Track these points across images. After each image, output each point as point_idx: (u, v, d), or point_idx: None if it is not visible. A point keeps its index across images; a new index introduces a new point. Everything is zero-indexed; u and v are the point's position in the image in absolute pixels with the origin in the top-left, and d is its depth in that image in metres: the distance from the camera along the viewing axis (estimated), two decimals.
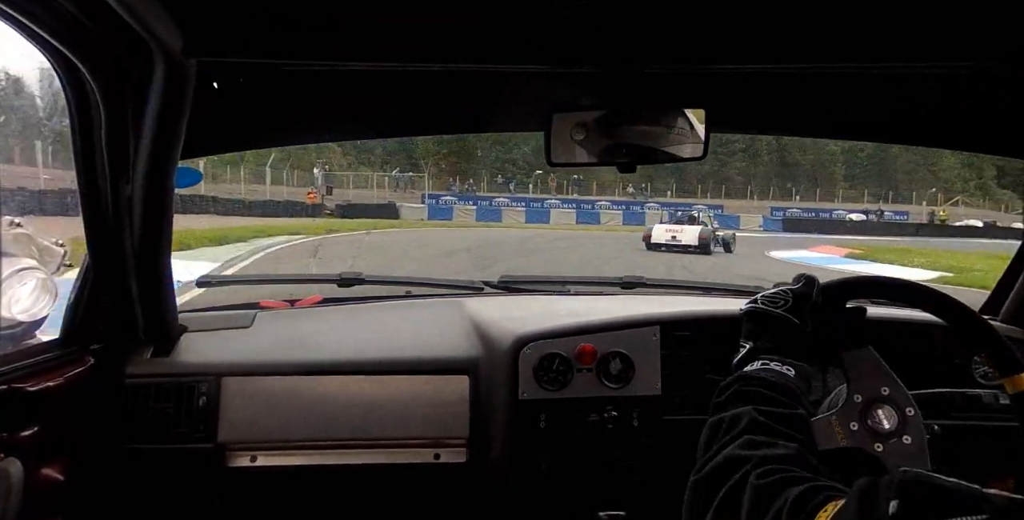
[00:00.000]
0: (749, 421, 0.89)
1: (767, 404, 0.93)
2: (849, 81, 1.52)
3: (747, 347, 1.07)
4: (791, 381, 1.00)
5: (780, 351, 1.04)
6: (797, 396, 0.97)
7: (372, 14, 1.17)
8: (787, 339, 1.06)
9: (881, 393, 1.10)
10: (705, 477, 0.85)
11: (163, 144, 1.38)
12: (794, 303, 1.09)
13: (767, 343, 1.06)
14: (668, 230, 21.99)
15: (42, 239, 1.59)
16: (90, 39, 1.21)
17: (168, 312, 1.68)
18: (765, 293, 1.12)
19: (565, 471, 1.65)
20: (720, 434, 0.91)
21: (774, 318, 1.08)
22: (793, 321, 1.07)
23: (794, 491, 0.73)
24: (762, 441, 0.85)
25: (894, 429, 1.08)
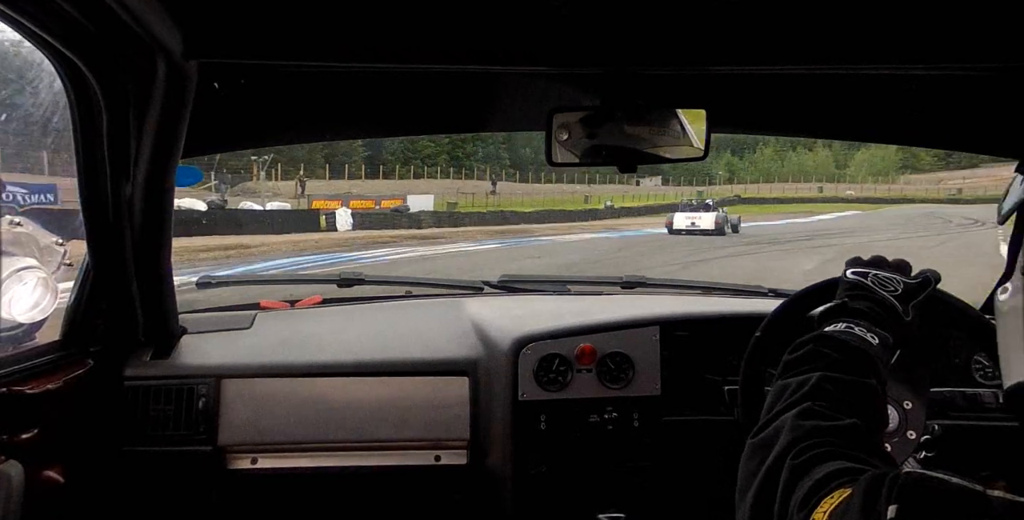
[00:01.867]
0: (813, 386, 0.86)
1: (838, 370, 0.89)
2: (849, 82, 1.52)
3: (834, 303, 1.03)
4: (872, 349, 0.95)
5: (870, 318, 1.00)
6: (874, 365, 0.93)
7: (372, 15, 1.17)
8: (882, 314, 1.02)
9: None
10: (759, 442, 0.83)
11: (164, 145, 1.38)
12: (902, 293, 1.06)
13: (860, 306, 1.02)
14: (687, 217, 25.28)
15: (42, 239, 1.59)
16: (92, 41, 1.21)
17: (168, 313, 1.68)
18: (879, 274, 1.08)
19: (565, 473, 1.65)
20: (784, 397, 0.87)
21: (879, 298, 1.04)
22: (896, 305, 1.04)
23: (823, 469, 0.71)
24: (819, 411, 0.82)
25: (896, 426, 1.08)
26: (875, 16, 1.17)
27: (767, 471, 0.78)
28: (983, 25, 1.18)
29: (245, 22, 1.19)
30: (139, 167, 1.40)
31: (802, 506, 0.69)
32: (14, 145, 1.72)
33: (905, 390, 1.11)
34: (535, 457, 1.64)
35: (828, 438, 0.77)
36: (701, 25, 1.22)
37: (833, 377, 0.87)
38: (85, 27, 1.16)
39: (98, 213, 1.45)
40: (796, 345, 0.96)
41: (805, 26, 1.21)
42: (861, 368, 0.91)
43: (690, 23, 1.21)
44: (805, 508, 0.69)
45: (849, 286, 1.07)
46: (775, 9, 1.16)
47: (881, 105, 1.66)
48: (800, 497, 0.71)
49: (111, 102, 1.33)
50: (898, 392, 1.10)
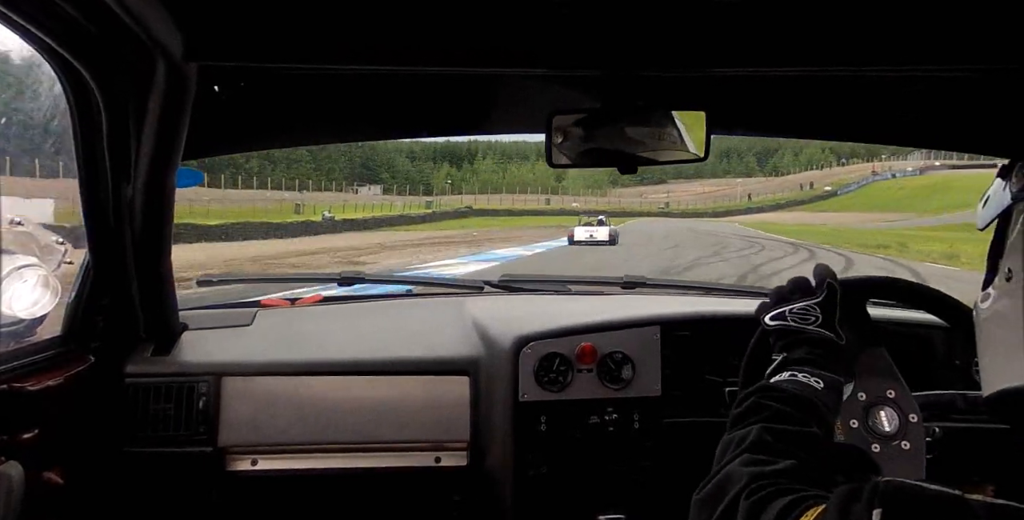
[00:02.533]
0: (753, 439, 0.87)
1: (779, 421, 0.90)
2: (849, 83, 1.52)
3: (777, 359, 1.05)
4: (817, 394, 0.97)
5: (813, 363, 1.02)
6: (816, 411, 0.94)
7: (372, 17, 1.17)
8: (819, 352, 1.04)
9: (886, 395, 1.10)
10: (704, 496, 0.84)
11: (164, 146, 1.38)
12: (824, 317, 1.07)
13: (797, 355, 1.03)
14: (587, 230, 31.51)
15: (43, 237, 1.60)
16: (92, 43, 1.21)
17: (168, 310, 1.68)
18: (793, 309, 1.10)
19: (565, 474, 1.65)
20: (728, 452, 0.89)
21: (807, 336, 1.06)
22: (826, 335, 1.05)
23: (780, 503, 0.72)
24: (760, 459, 0.83)
25: (894, 432, 1.08)
26: (875, 17, 1.17)
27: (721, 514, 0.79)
28: (983, 26, 1.18)
29: (245, 24, 1.19)
30: (139, 169, 1.40)
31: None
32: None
33: (908, 400, 1.11)
34: (535, 458, 1.64)
35: (773, 480, 0.78)
36: (701, 27, 1.22)
37: (773, 428, 0.89)
38: (85, 29, 1.16)
39: (99, 214, 1.45)
40: (740, 399, 0.98)
41: (805, 28, 1.21)
42: (803, 416, 0.92)
43: (690, 25, 1.21)
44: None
45: (777, 335, 1.09)
46: (775, 11, 1.16)
47: (881, 106, 1.65)
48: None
49: (111, 104, 1.34)
50: (904, 402, 1.10)
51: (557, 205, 73.30)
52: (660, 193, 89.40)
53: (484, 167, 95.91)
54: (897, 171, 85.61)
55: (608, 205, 78.29)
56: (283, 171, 64.57)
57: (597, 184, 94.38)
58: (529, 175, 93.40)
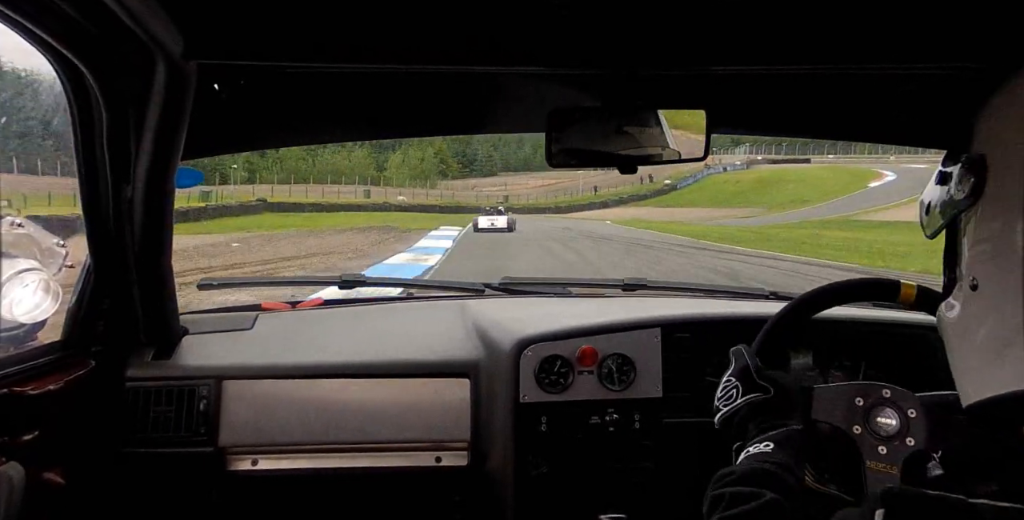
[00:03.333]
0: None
1: (734, 505, 0.91)
2: (850, 82, 1.52)
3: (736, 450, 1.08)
4: (768, 458, 0.98)
5: (759, 433, 1.04)
6: (769, 478, 0.96)
7: (372, 16, 1.17)
8: (763, 416, 1.07)
9: (883, 395, 1.09)
10: None
11: (164, 146, 1.38)
12: (743, 385, 1.11)
13: (750, 436, 1.06)
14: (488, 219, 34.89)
15: (44, 240, 1.59)
16: (92, 42, 1.21)
17: (169, 314, 1.68)
18: (717, 396, 1.15)
19: (566, 474, 1.65)
20: None
21: (741, 411, 1.10)
22: (755, 399, 1.09)
23: None
24: None
25: (896, 432, 1.08)
26: (873, 15, 1.17)
27: None
28: (983, 24, 1.18)
29: (245, 23, 1.19)
30: (139, 169, 1.40)
31: None
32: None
33: (866, 386, 1.10)
34: (536, 459, 1.63)
35: None
36: (701, 26, 1.22)
37: (728, 515, 0.90)
38: (85, 28, 1.17)
39: (99, 214, 1.45)
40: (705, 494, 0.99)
41: (805, 26, 1.21)
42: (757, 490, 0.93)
43: (690, 24, 1.21)
44: None
45: (725, 429, 1.13)
46: (775, 9, 1.16)
47: (880, 105, 1.65)
48: None
49: (111, 103, 1.34)
50: (867, 391, 1.10)
51: (379, 198, 60.30)
52: (495, 186, 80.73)
53: (290, 153, 78.72)
54: (727, 165, 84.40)
55: (440, 199, 67.68)
56: None
57: (424, 175, 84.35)
58: (344, 163, 78.32)
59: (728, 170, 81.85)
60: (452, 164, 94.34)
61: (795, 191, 64.17)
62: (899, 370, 1.22)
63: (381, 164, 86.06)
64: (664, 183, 76.47)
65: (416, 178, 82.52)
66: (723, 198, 65.73)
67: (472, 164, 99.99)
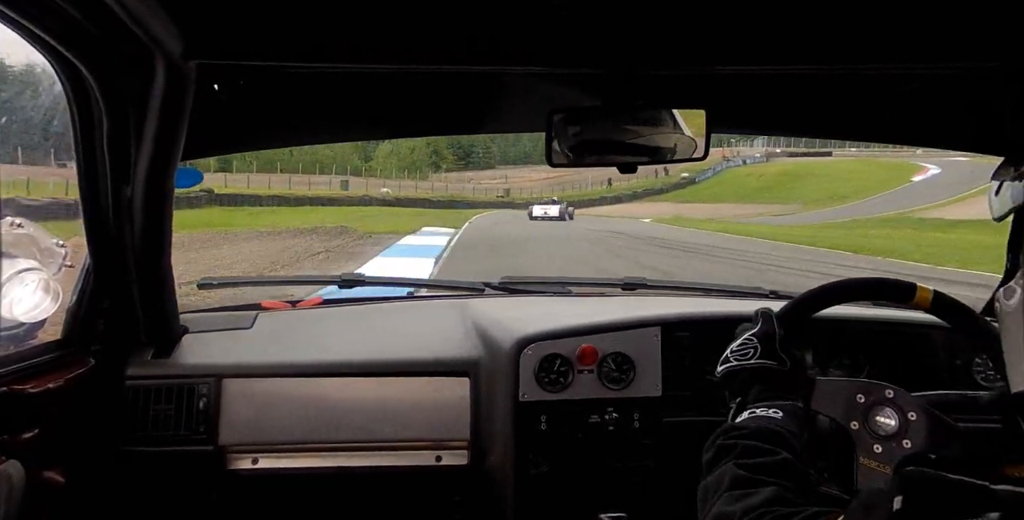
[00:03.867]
0: (730, 478, 0.89)
1: (748, 456, 0.92)
2: (850, 81, 1.52)
3: (734, 405, 1.08)
4: (777, 423, 0.99)
5: (764, 398, 1.04)
6: (782, 439, 0.96)
7: (372, 16, 1.17)
8: (768, 385, 1.07)
9: (859, 402, 1.09)
10: None
11: (164, 146, 1.38)
12: (762, 347, 1.10)
13: (752, 396, 1.06)
14: (542, 208, 37.28)
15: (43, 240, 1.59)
16: (92, 42, 1.21)
17: (169, 313, 1.68)
18: (732, 347, 1.14)
19: (566, 473, 1.65)
20: (710, 497, 0.90)
21: (750, 371, 1.09)
22: (769, 365, 1.08)
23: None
24: (743, 494, 0.84)
25: (899, 420, 1.08)
26: (873, 16, 1.17)
27: None
28: (984, 24, 1.18)
29: (245, 23, 1.19)
30: (139, 168, 1.40)
31: None
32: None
33: (872, 386, 1.11)
34: (536, 457, 1.63)
35: (766, 508, 0.79)
36: (701, 25, 1.22)
37: (744, 464, 0.90)
38: (84, 28, 1.17)
39: (98, 214, 1.45)
40: (707, 446, 1.00)
41: (805, 26, 1.21)
42: (770, 447, 0.94)
43: (690, 23, 1.21)
44: None
45: (727, 380, 1.12)
46: (775, 9, 1.16)
47: (879, 104, 1.66)
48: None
49: (110, 103, 1.34)
50: (872, 390, 1.10)
51: (359, 191, 50.10)
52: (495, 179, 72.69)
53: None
54: (747, 157, 78.11)
55: (431, 192, 60.12)
56: None
57: (415, 166, 76.62)
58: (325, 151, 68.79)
59: (748, 163, 76.20)
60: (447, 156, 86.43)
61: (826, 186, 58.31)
62: (900, 369, 1.22)
63: (368, 154, 77.83)
64: (681, 176, 69.83)
65: (406, 169, 74.64)
66: (747, 193, 60.88)
67: (469, 156, 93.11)
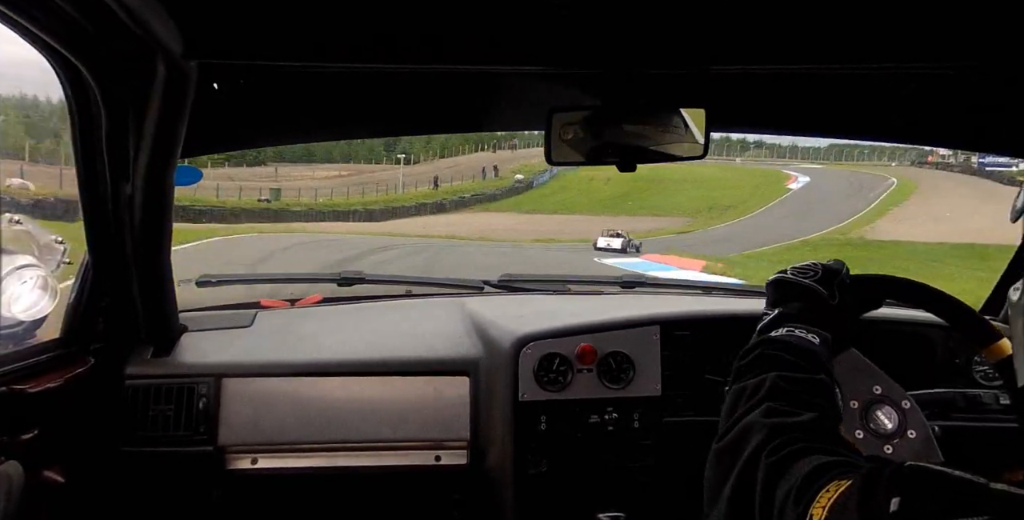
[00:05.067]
0: (770, 386, 0.88)
1: (789, 369, 0.91)
2: (849, 80, 1.52)
3: (772, 314, 1.06)
4: (815, 347, 0.98)
5: (805, 319, 1.03)
6: (820, 362, 0.96)
7: (372, 15, 1.17)
8: (813, 308, 1.05)
9: (874, 392, 1.10)
10: (724, 446, 0.84)
11: (163, 145, 1.38)
12: (823, 275, 1.08)
13: (793, 310, 1.04)
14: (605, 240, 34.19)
15: (42, 237, 1.59)
16: (92, 42, 1.21)
17: (168, 311, 1.68)
18: (795, 265, 1.12)
19: (565, 473, 1.65)
20: (743, 401, 0.89)
21: (803, 288, 1.07)
22: (821, 291, 1.06)
23: (804, 466, 0.72)
24: (781, 409, 0.84)
25: (896, 427, 1.08)
26: (872, 16, 1.17)
27: (740, 474, 0.79)
28: (984, 24, 1.18)
29: (245, 22, 1.19)
30: (138, 167, 1.40)
31: (797, 501, 0.69)
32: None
33: (895, 388, 1.11)
34: (535, 457, 1.64)
35: (796, 434, 0.78)
36: (701, 25, 1.22)
37: (787, 376, 0.90)
38: (84, 28, 1.16)
39: (98, 212, 1.45)
40: (745, 351, 0.99)
41: (804, 25, 1.21)
42: (810, 365, 0.93)
43: (690, 23, 1.21)
44: (800, 503, 0.69)
45: (773, 288, 1.10)
46: (774, 9, 1.16)
47: (881, 103, 1.66)
48: (790, 492, 0.71)
49: (110, 102, 1.33)
50: (892, 391, 1.10)
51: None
52: (263, 179, 46.40)
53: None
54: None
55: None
56: None
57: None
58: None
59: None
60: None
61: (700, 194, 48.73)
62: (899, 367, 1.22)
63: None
64: (516, 179, 53.96)
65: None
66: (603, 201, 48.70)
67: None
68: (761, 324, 1.06)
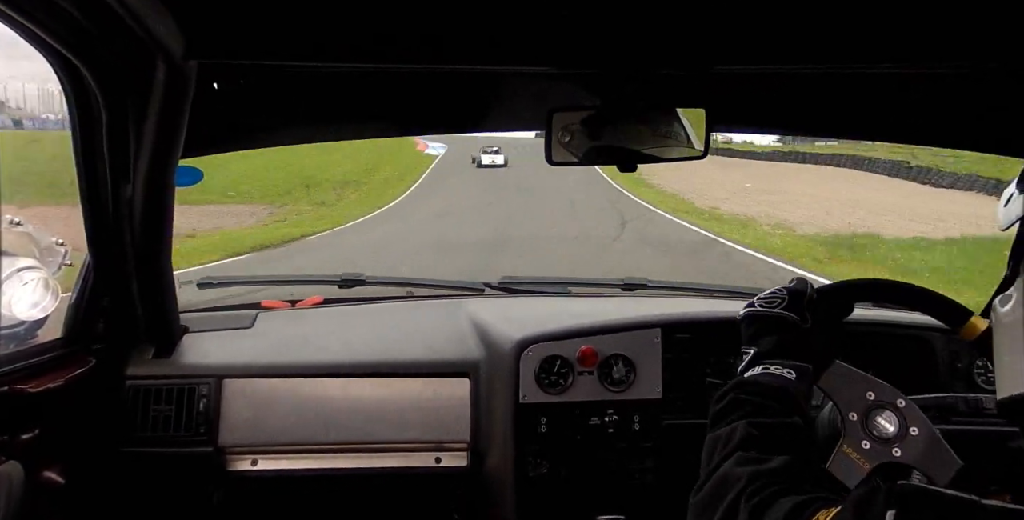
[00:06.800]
0: (742, 435, 0.88)
1: (761, 414, 0.91)
2: (849, 80, 1.52)
3: (748, 353, 1.06)
4: (791, 384, 0.98)
5: (780, 353, 1.02)
6: (794, 401, 0.95)
7: (372, 15, 1.17)
8: (786, 338, 1.04)
9: (868, 399, 1.09)
10: (702, 499, 0.84)
11: (164, 145, 1.38)
12: (790, 300, 1.08)
13: (767, 346, 1.04)
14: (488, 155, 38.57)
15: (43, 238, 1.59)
16: (92, 42, 1.21)
17: (169, 312, 1.68)
18: (761, 295, 1.12)
19: (566, 475, 1.64)
20: (717, 450, 0.89)
21: (773, 318, 1.07)
22: (791, 318, 1.06)
23: (787, 503, 0.72)
24: (754, 457, 0.83)
25: (898, 429, 1.07)
26: (874, 16, 1.17)
27: (723, 517, 0.78)
28: (985, 24, 1.18)
29: (245, 22, 1.19)
30: (139, 167, 1.40)
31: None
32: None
33: (887, 389, 1.10)
34: (536, 459, 1.63)
35: (771, 479, 0.78)
36: (701, 25, 1.22)
37: (757, 422, 0.89)
38: (85, 27, 1.17)
39: (98, 212, 1.45)
40: (719, 396, 0.99)
41: (805, 26, 1.21)
42: (782, 407, 0.93)
43: (690, 23, 1.21)
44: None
45: (746, 323, 1.10)
46: (775, 9, 1.16)
47: (882, 103, 1.65)
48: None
49: (110, 102, 1.34)
50: (885, 393, 1.10)
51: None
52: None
53: None
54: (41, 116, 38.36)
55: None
56: None
57: None
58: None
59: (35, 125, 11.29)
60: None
61: (288, 164, 26.82)
62: (900, 371, 1.22)
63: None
64: None
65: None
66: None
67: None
68: (739, 366, 1.06)
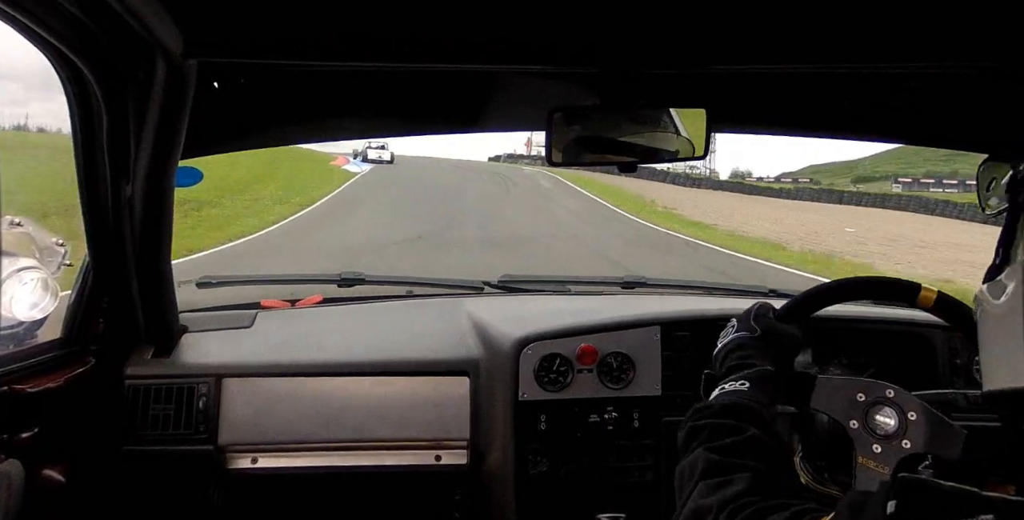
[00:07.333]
0: (703, 465, 0.87)
1: (717, 437, 0.91)
2: (849, 80, 1.52)
3: (703, 378, 1.10)
4: (744, 395, 0.98)
5: (733, 368, 1.04)
6: (750, 413, 0.95)
7: (371, 14, 1.17)
8: (738, 353, 1.07)
9: (859, 401, 1.09)
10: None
11: (164, 144, 1.38)
12: (738, 324, 1.13)
13: (724, 370, 1.07)
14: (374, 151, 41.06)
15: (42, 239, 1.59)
16: (92, 41, 1.21)
17: (169, 312, 1.68)
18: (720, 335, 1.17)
19: (565, 473, 1.65)
20: (685, 483, 0.89)
21: (727, 344, 1.11)
22: (743, 336, 1.10)
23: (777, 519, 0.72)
24: (716, 483, 0.83)
25: (899, 420, 1.07)
26: (874, 15, 1.17)
27: None
28: (983, 23, 1.18)
29: (245, 21, 1.19)
30: (139, 167, 1.40)
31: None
32: None
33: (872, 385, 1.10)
34: (535, 457, 1.63)
35: (739, 503, 0.78)
36: (700, 24, 1.21)
37: (715, 446, 0.89)
38: (85, 26, 1.16)
39: (98, 212, 1.45)
40: (680, 426, 0.99)
41: (804, 25, 1.21)
42: (738, 423, 0.93)
43: (689, 22, 1.21)
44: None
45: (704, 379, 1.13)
46: (774, 9, 1.16)
47: (882, 103, 1.65)
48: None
49: (111, 102, 1.33)
50: (872, 389, 1.09)
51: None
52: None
53: None
54: None
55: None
56: None
57: None
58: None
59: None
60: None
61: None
62: (900, 368, 1.22)
63: None
64: None
65: None
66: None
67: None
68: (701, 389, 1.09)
